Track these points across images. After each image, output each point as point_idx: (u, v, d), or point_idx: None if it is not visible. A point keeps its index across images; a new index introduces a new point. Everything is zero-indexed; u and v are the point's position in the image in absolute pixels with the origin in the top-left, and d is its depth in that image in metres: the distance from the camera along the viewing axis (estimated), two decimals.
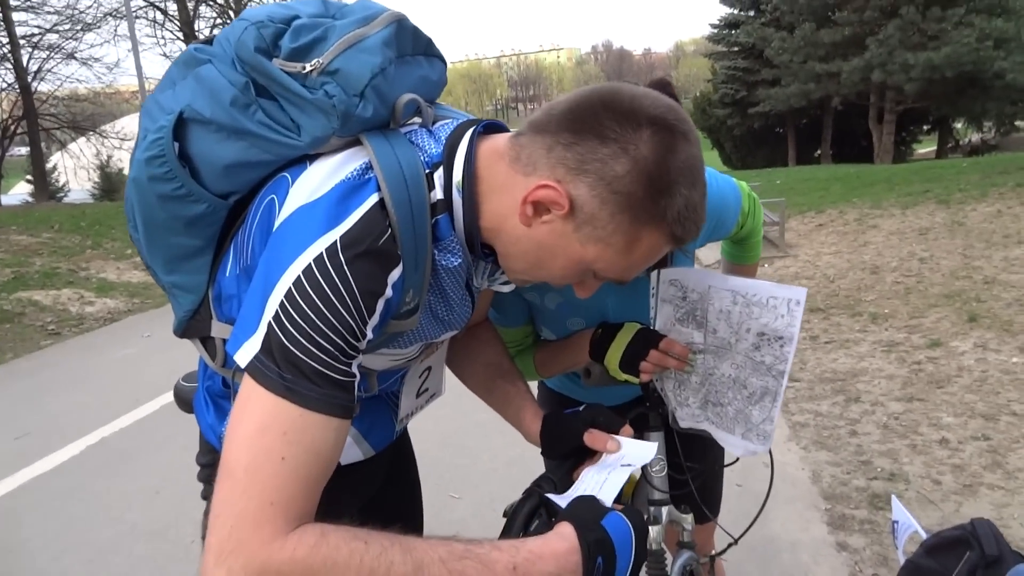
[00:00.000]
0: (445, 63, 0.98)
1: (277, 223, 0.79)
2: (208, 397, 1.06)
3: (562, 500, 0.85)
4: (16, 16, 17.03)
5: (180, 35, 18.52)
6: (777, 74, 24.64)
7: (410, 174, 0.80)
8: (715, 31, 30.51)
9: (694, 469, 1.37)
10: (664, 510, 1.38)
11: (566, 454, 1.02)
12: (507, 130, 0.90)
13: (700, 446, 1.33)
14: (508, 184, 0.82)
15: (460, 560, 0.69)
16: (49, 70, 18.56)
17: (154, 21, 18.38)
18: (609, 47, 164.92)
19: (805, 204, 10.26)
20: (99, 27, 18.16)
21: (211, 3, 19.11)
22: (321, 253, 0.73)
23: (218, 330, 0.95)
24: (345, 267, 0.73)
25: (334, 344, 0.72)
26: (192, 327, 0.99)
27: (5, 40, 17.26)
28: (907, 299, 5.50)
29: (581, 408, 1.06)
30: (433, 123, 0.90)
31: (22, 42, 17.30)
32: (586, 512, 0.78)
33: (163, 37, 21.63)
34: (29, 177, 24.10)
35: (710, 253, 6.53)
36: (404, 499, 1.32)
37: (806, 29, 22.17)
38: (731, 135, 30.15)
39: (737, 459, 1.41)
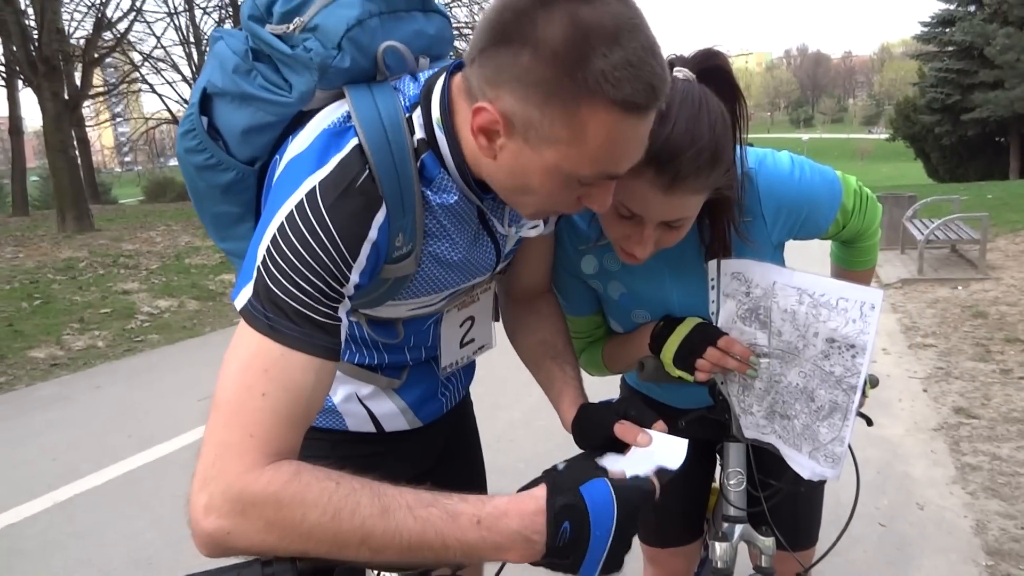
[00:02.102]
0: (447, 18, 0.97)
1: (275, 179, 0.84)
2: None
3: None
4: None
5: None
6: (999, 75, 21.80)
7: (388, 118, 0.81)
8: (926, 30, 27.63)
9: (770, 486, 1.25)
10: (737, 528, 1.27)
11: (597, 446, 0.98)
12: None
13: (778, 462, 1.21)
14: (467, 117, 0.80)
15: (426, 508, 0.69)
16: None
17: None
18: (804, 51, 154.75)
19: (1020, 222, 8.94)
20: None
21: None
22: (302, 198, 0.76)
23: None
24: (323, 210, 0.75)
25: (314, 286, 0.74)
26: None
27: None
28: None
29: (614, 400, 1.01)
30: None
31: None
32: (568, 475, 0.75)
33: None
34: None
35: (807, 253, 5.91)
36: (461, 479, 1.33)
37: None
38: (938, 144, 27.06)
39: (825, 480, 1.27)
